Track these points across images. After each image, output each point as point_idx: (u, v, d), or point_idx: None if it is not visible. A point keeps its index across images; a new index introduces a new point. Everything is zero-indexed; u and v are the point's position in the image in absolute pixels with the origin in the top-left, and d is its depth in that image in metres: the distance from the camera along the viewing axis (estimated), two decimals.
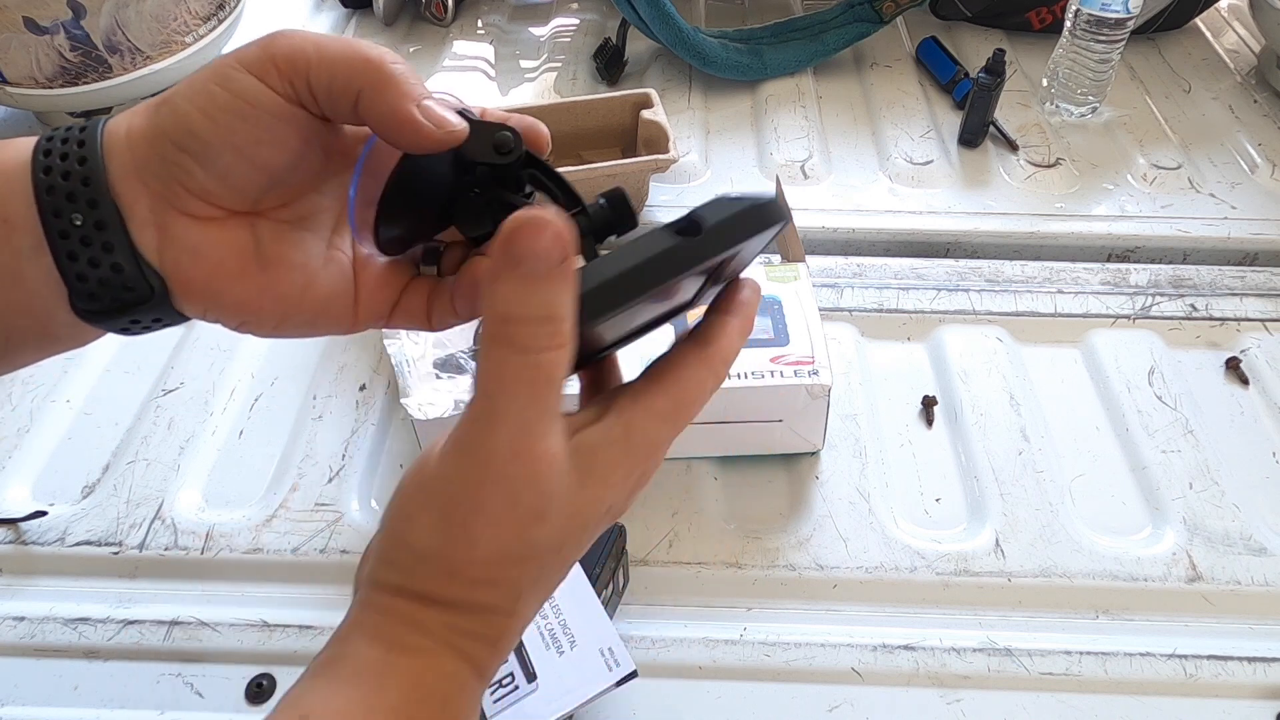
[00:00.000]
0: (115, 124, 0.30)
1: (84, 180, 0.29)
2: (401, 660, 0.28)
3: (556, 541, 0.29)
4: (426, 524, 0.28)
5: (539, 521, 0.28)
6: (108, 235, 0.29)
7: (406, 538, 0.29)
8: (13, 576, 0.54)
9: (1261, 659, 0.49)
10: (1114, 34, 0.80)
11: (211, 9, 0.87)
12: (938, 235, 0.76)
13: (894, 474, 0.58)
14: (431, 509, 0.28)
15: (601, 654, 0.45)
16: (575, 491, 0.28)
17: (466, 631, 0.29)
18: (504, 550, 0.28)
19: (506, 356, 0.27)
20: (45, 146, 0.29)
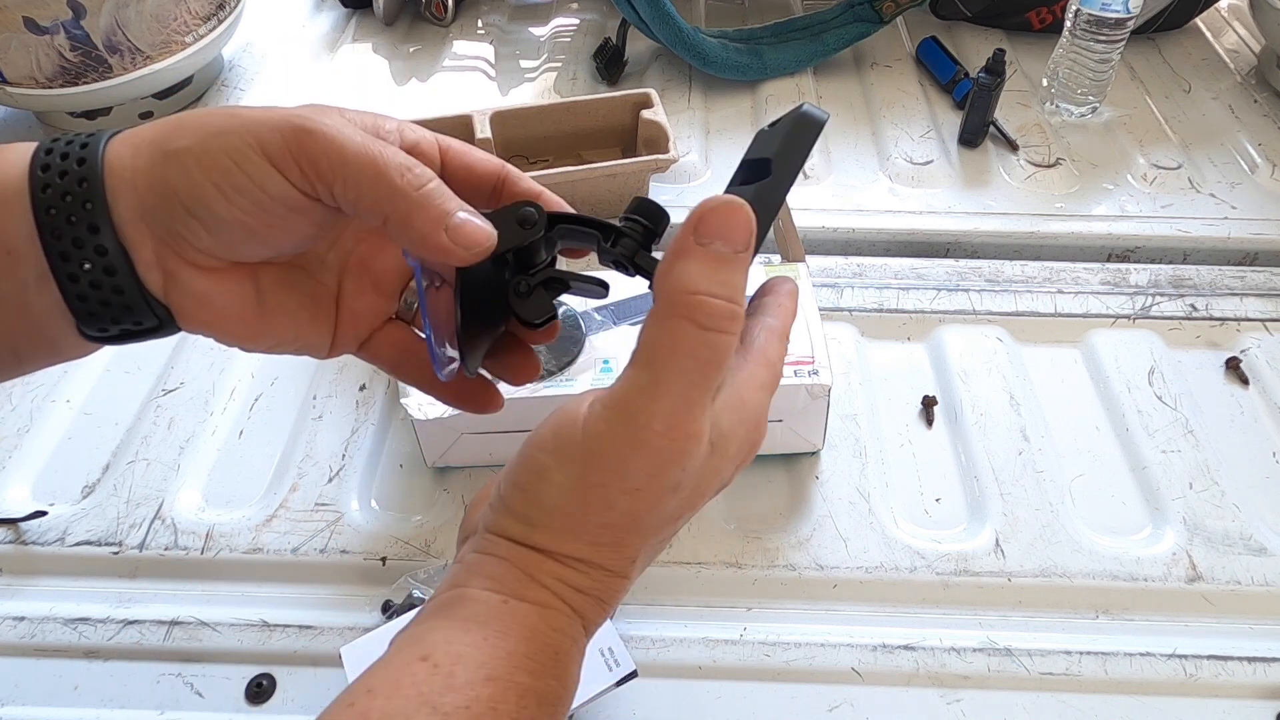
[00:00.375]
0: (118, 157, 0.29)
1: (92, 227, 0.28)
2: (519, 609, 0.29)
3: (679, 512, 0.30)
4: (562, 482, 0.29)
5: (673, 493, 0.29)
6: (117, 280, 0.29)
7: (537, 492, 0.30)
8: (13, 576, 0.54)
9: (1261, 659, 0.49)
10: (1114, 34, 0.80)
11: (211, 9, 0.87)
12: (938, 235, 0.76)
13: (894, 474, 0.58)
14: (570, 468, 0.29)
15: (601, 654, 0.45)
16: (705, 463, 0.29)
17: (581, 588, 0.30)
18: (636, 518, 0.29)
19: (683, 330, 0.27)
20: (43, 180, 0.28)
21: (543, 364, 0.55)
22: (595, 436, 0.29)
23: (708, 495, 0.31)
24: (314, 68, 0.98)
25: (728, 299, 0.28)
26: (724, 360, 0.28)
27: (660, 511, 0.29)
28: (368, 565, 0.54)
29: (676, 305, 0.27)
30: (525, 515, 0.30)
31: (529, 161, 0.79)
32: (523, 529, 0.30)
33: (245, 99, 0.93)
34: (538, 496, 0.30)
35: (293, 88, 0.95)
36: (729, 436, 0.30)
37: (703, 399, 0.28)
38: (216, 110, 0.29)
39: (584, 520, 0.29)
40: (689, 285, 0.27)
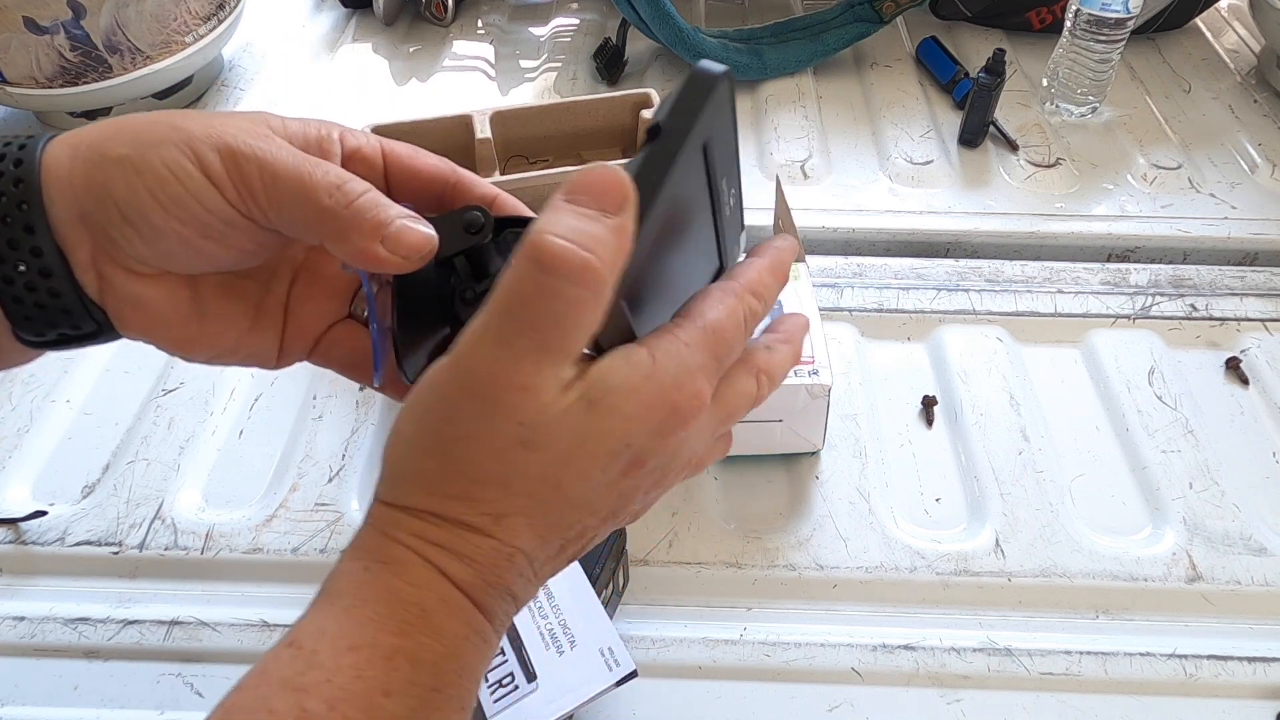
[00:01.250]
0: (56, 159, 0.29)
1: (27, 228, 0.28)
2: (378, 572, 0.28)
3: (551, 473, 0.27)
4: (405, 432, 0.28)
5: (522, 448, 0.27)
6: (54, 283, 0.29)
7: (391, 448, 0.29)
8: (13, 576, 0.54)
9: (1261, 659, 0.49)
10: (1114, 34, 0.80)
11: (211, 9, 0.87)
12: (938, 235, 0.76)
13: (894, 474, 0.58)
14: (416, 420, 0.28)
15: (601, 654, 0.45)
16: (579, 421, 0.27)
17: (437, 542, 0.28)
18: (478, 469, 0.27)
19: (524, 272, 0.25)
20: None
21: None
22: (431, 384, 0.27)
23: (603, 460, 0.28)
24: (314, 68, 0.98)
25: (581, 245, 0.25)
26: (577, 320, 0.26)
27: (513, 466, 0.27)
28: None
29: (530, 250, 0.25)
30: (386, 476, 0.29)
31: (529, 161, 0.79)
32: (386, 489, 0.29)
33: (245, 99, 0.93)
34: (391, 452, 0.29)
35: (293, 88, 0.95)
36: (617, 392, 0.27)
37: (536, 350, 0.26)
38: (156, 117, 0.29)
39: (423, 470, 0.28)
40: (546, 227, 0.25)
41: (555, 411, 0.27)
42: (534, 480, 0.28)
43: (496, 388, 0.26)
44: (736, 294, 0.31)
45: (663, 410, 0.28)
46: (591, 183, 0.26)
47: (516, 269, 0.25)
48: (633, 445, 0.28)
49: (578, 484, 0.28)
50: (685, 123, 0.27)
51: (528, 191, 0.72)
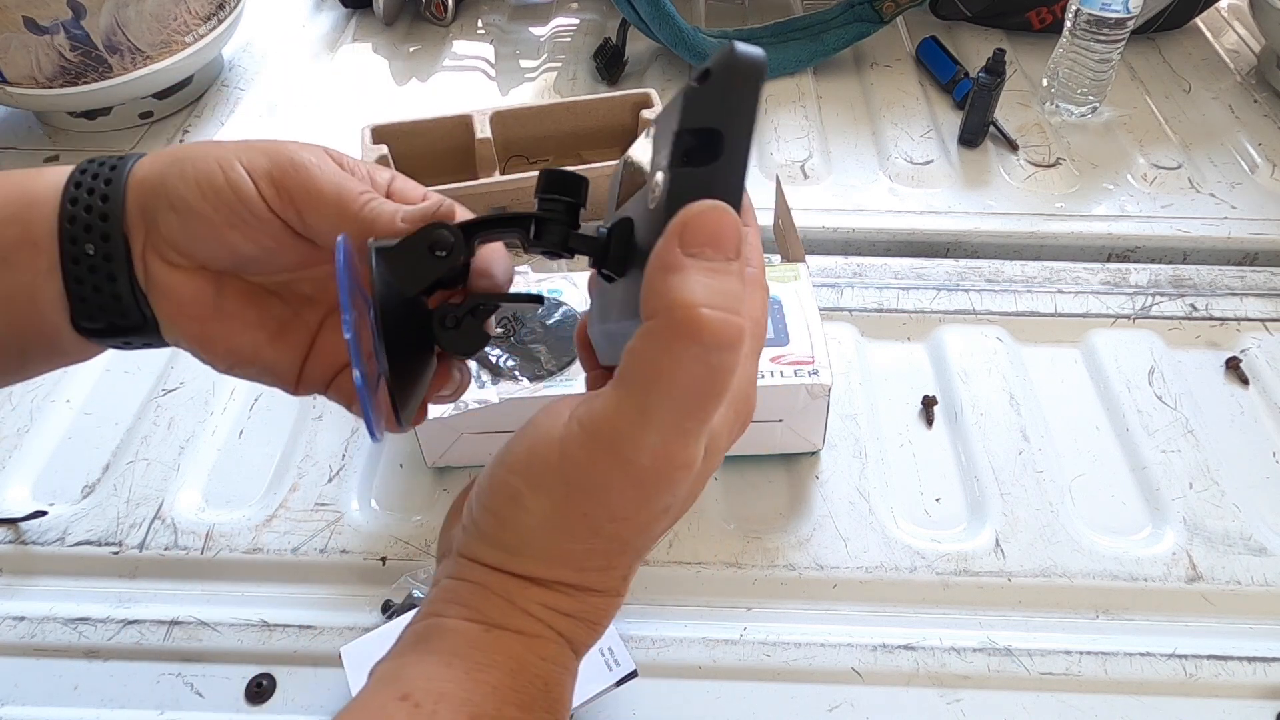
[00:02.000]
0: (141, 165, 0.33)
1: (103, 216, 0.32)
2: (503, 639, 0.28)
3: (671, 522, 0.29)
4: (539, 509, 0.27)
5: (664, 516, 0.28)
6: (112, 267, 0.32)
7: (512, 518, 0.28)
8: (13, 576, 0.54)
9: (1261, 659, 0.49)
10: (1114, 34, 0.80)
11: (211, 9, 0.87)
12: (938, 235, 0.76)
13: (894, 474, 0.58)
14: (547, 495, 0.27)
15: (601, 654, 0.45)
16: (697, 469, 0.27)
17: (569, 612, 0.28)
18: (624, 542, 0.28)
19: (685, 353, 0.24)
20: (78, 178, 0.32)
21: (543, 363, 0.55)
22: (575, 465, 0.26)
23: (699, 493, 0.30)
24: (314, 68, 0.98)
25: (732, 312, 0.24)
26: (727, 387, 0.25)
27: (651, 532, 0.28)
28: (368, 565, 0.54)
29: (679, 324, 0.24)
30: (500, 541, 0.28)
31: (529, 161, 0.79)
32: (499, 555, 0.28)
33: (245, 99, 0.93)
34: (513, 523, 0.28)
35: (293, 88, 0.95)
36: (718, 434, 0.27)
37: (699, 430, 0.25)
38: (221, 142, 0.33)
39: (567, 547, 0.27)
40: (689, 299, 0.23)
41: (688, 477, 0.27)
42: (656, 535, 0.29)
43: (661, 471, 0.26)
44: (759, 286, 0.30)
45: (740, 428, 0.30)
46: (708, 229, 0.25)
47: (668, 347, 0.24)
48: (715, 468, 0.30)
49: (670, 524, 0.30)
50: (744, 131, 0.25)
51: (528, 191, 0.72)
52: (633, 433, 0.25)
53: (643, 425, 0.25)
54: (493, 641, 0.28)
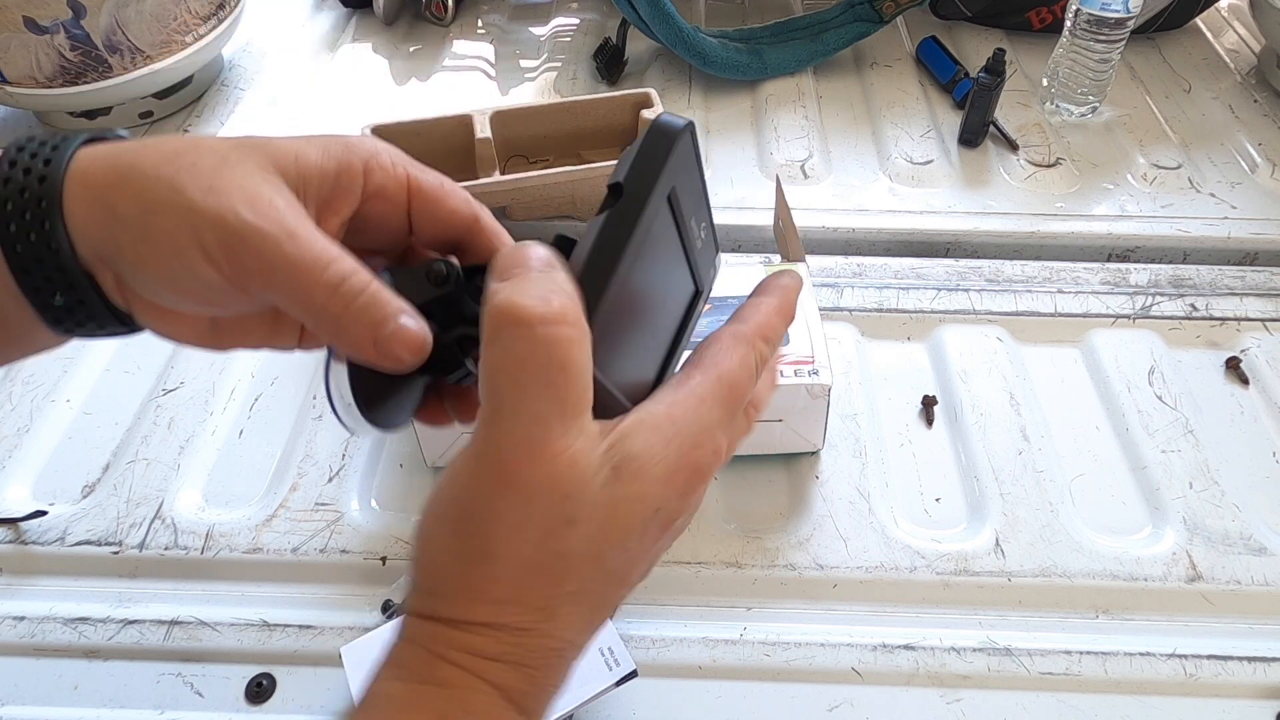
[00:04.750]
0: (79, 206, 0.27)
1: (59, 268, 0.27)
2: (425, 695, 0.26)
3: (593, 549, 0.26)
4: (442, 540, 0.27)
5: (566, 526, 0.26)
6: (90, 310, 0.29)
7: (426, 558, 0.27)
8: (13, 576, 0.54)
9: (1261, 659, 0.49)
10: (1114, 34, 0.80)
11: (211, 9, 0.87)
12: (938, 235, 0.76)
13: (894, 474, 0.58)
14: (446, 523, 0.27)
15: (601, 654, 0.45)
16: (609, 489, 0.26)
17: (495, 657, 0.26)
18: (526, 562, 0.26)
19: (511, 343, 0.25)
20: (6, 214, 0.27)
21: None
22: (459, 484, 0.26)
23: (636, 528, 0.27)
24: (314, 67, 0.98)
25: (541, 295, 0.25)
26: (571, 359, 0.25)
27: (556, 550, 0.26)
28: (368, 565, 0.54)
29: (497, 324, 0.25)
30: (424, 586, 0.27)
31: (529, 161, 0.79)
32: (423, 600, 0.27)
33: (245, 99, 0.93)
34: (425, 561, 0.27)
35: (293, 88, 0.95)
36: (644, 457, 0.27)
37: (559, 412, 0.25)
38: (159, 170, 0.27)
39: (472, 577, 0.26)
40: (504, 301, 0.25)
41: (592, 482, 0.26)
42: (578, 560, 0.27)
43: (534, 465, 0.25)
44: (748, 341, 0.30)
45: (687, 471, 0.28)
46: (515, 258, 0.26)
47: (496, 341, 0.25)
48: (662, 510, 0.28)
49: (616, 556, 0.27)
50: (647, 182, 0.27)
51: (528, 191, 0.72)
52: (491, 432, 0.25)
53: (498, 422, 0.25)
54: (415, 700, 0.26)
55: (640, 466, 0.27)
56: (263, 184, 0.28)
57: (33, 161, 0.28)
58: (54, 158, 0.28)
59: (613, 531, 0.27)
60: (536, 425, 0.25)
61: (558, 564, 0.26)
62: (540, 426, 0.25)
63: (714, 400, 0.29)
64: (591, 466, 0.26)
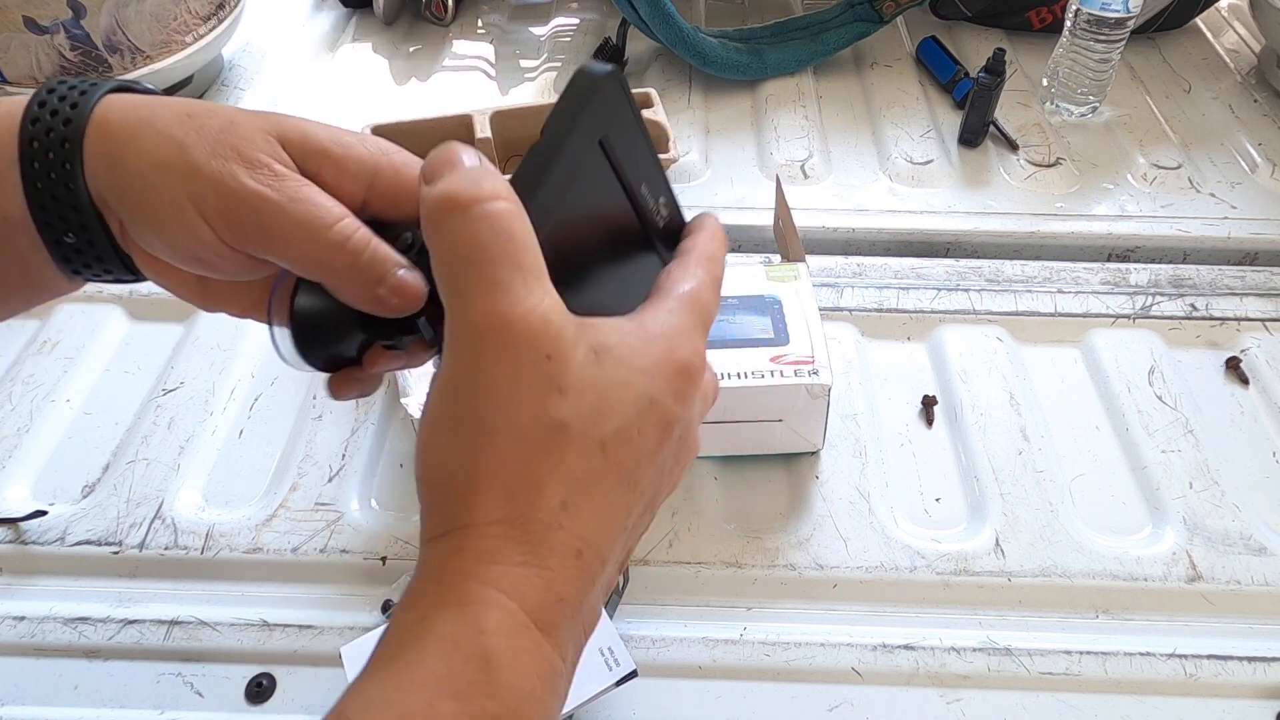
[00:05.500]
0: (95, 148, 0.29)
1: (73, 206, 0.30)
2: (435, 623, 0.24)
3: (591, 429, 0.25)
4: (441, 440, 0.26)
5: (558, 395, 0.25)
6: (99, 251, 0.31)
7: (429, 472, 0.26)
8: (13, 576, 0.54)
9: (1261, 659, 0.49)
10: (1114, 34, 0.80)
11: (211, 9, 0.87)
12: (938, 235, 0.76)
13: (894, 474, 0.58)
14: (442, 424, 0.26)
15: (601, 654, 0.45)
16: (593, 370, 0.25)
17: (506, 560, 0.24)
18: (525, 433, 0.25)
19: (455, 228, 0.25)
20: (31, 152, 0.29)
21: None
22: (443, 383, 0.26)
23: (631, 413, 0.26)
24: (314, 67, 0.98)
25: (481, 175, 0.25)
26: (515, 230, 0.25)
27: (554, 416, 0.25)
28: (368, 565, 0.54)
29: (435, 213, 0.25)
30: (429, 503, 0.26)
31: None
32: (433, 520, 0.26)
33: (245, 99, 0.93)
34: (430, 475, 0.26)
35: (293, 87, 0.95)
36: (621, 348, 0.26)
37: (512, 271, 0.24)
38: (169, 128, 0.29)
39: (478, 466, 0.25)
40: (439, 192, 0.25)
41: (571, 347, 0.25)
42: (579, 438, 0.25)
43: (509, 324, 0.24)
44: (696, 262, 0.31)
45: (671, 368, 0.27)
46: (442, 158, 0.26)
47: (439, 231, 0.25)
48: (656, 403, 0.27)
49: (620, 447, 0.26)
50: (565, 122, 0.27)
51: None
52: (462, 313, 0.25)
53: (463, 301, 0.25)
54: (426, 628, 0.24)
55: (620, 356, 0.26)
56: (264, 150, 0.29)
57: (60, 104, 0.30)
58: (80, 102, 0.29)
59: (607, 414, 0.26)
60: (499, 288, 0.25)
61: (558, 436, 0.25)
62: (504, 289, 0.25)
63: (681, 309, 0.29)
64: (568, 331, 0.25)
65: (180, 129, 0.29)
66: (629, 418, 0.26)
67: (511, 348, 0.25)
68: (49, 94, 0.30)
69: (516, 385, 0.25)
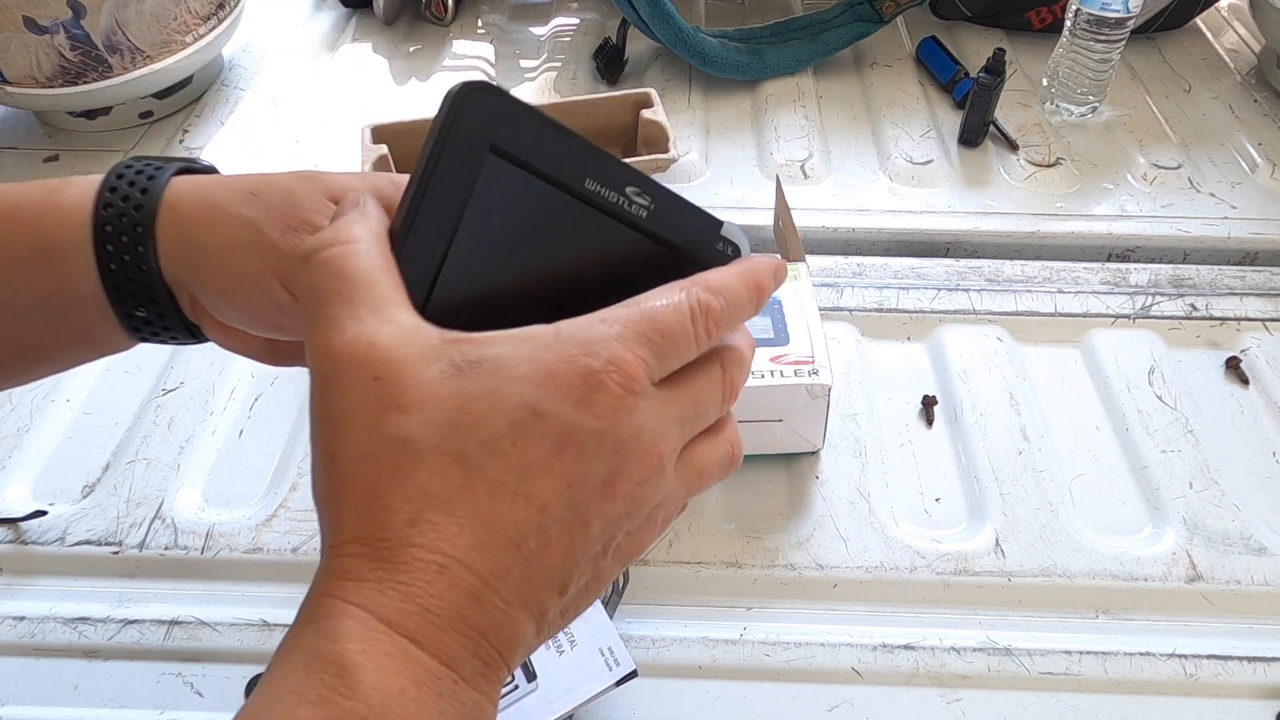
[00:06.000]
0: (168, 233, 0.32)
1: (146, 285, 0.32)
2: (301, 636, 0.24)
3: (446, 444, 0.24)
4: (313, 472, 0.26)
5: (397, 412, 0.24)
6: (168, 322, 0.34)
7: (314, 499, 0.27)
8: (13, 576, 0.54)
9: (1261, 659, 0.49)
10: (1114, 34, 0.80)
11: (211, 9, 0.87)
12: (938, 235, 0.76)
13: (894, 474, 0.58)
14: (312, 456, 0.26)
15: (601, 654, 0.45)
16: (450, 383, 0.24)
17: (360, 577, 0.24)
18: (363, 452, 0.24)
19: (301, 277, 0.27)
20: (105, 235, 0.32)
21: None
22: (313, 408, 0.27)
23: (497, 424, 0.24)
24: (314, 67, 0.98)
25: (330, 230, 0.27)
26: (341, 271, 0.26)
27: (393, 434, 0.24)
28: None
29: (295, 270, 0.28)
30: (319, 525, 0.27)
31: None
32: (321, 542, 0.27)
33: (245, 99, 0.93)
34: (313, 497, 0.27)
35: (293, 87, 0.95)
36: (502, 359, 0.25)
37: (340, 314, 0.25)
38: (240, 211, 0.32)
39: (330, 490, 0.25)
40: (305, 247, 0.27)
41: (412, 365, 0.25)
42: (428, 452, 0.24)
43: (333, 354, 0.25)
44: (683, 286, 0.27)
45: (570, 375, 0.25)
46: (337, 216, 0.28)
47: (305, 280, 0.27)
48: (541, 412, 0.25)
49: (488, 459, 0.24)
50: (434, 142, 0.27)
51: None
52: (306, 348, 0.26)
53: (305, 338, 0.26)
54: (289, 645, 0.24)
55: (494, 367, 0.25)
56: (324, 213, 0.33)
57: (131, 189, 0.32)
58: (150, 187, 0.32)
59: (468, 428, 0.24)
60: (327, 324, 0.26)
61: (400, 453, 0.24)
62: (330, 324, 0.25)
63: (620, 320, 0.26)
64: (410, 352, 0.25)
65: (250, 209, 0.32)
66: (497, 429, 0.24)
67: (337, 376, 0.25)
68: (118, 179, 0.32)
69: (348, 406, 0.25)
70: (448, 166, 0.27)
